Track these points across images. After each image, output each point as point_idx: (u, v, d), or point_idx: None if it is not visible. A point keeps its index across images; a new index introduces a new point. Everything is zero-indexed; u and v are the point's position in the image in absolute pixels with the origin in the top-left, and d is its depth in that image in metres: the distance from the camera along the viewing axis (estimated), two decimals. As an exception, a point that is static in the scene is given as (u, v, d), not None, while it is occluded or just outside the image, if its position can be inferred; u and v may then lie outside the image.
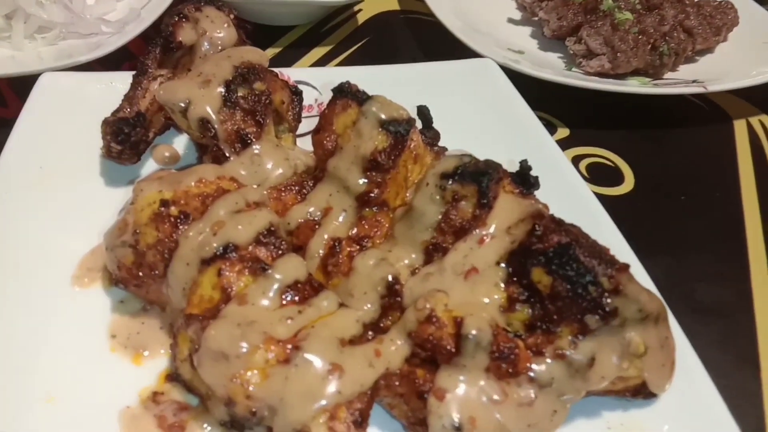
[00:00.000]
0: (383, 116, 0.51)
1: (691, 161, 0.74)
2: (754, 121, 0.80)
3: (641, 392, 0.44)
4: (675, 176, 0.71)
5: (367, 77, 0.60)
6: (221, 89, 0.55)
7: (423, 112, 0.59)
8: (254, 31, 0.85)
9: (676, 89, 0.75)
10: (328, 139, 0.54)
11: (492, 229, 0.47)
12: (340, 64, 0.85)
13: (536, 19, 0.89)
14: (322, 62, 0.86)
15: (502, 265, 0.45)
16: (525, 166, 0.50)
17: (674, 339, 0.44)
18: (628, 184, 0.69)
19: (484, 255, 0.46)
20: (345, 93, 0.53)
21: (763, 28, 0.89)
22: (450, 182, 0.48)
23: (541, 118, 0.74)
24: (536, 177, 0.50)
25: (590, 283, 0.41)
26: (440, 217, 0.48)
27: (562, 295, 0.42)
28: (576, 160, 0.71)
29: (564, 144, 0.73)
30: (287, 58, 0.86)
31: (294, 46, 0.89)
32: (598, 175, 0.70)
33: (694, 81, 0.80)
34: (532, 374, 0.42)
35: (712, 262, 0.61)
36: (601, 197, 0.61)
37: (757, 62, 0.82)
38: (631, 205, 0.67)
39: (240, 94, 0.56)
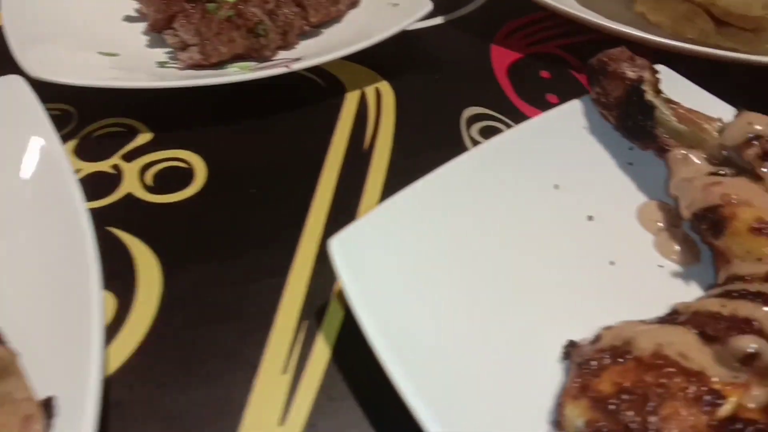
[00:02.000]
0: None
1: (284, 147, 0.70)
2: (370, 90, 0.77)
3: None
4: (254, 168, 0.66)
5: None
6: None
7: None
8: None
9: (260, 73, 0.70)
10: None
11: None
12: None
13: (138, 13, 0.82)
14: None
15: None
16: None
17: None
18: (197, 185, 0.64)
19: None
20: None
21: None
22: None
23: (122, 125, 0.68)
24: None
25: None
26: None
27: None
28: (145, 169, 0.65)
29: (141, 151, 0.67)
30: None
31: None
32: (167, 180, 0.64)
33: (298, 59, 0.76)
34: None
35: (256, 264, 0.57)
36: (157, 206, 0.55)
37: (380, 25, 0.79)
38: (196, 208, 0.62)
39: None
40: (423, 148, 0.69)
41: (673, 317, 0.46)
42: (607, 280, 0.54)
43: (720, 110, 0.62)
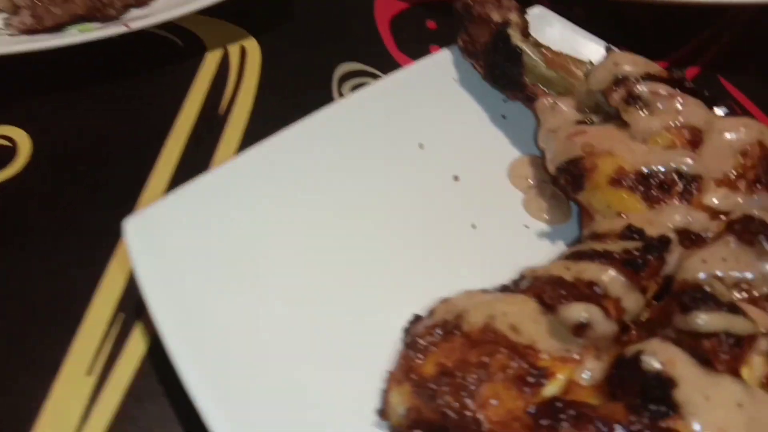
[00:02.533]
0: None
1: (127, 117, 0.62)
2: (234, 49, 0.70)
3: None
4: (87, 143, 0.58)
5: None
6: None
7: None
8: None
9: (88, 36, 0.61)
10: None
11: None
12: None
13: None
14: None
15: None
16: None
17: None
18: (17, 165, 0.56)
19: None
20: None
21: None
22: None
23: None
24: None
25: None
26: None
27: None
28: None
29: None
30: None
31: None
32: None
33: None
34: None
35: (73, 253, 0.50)
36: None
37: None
38: (12, 191, 0.54)
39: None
40: (287, 111, 0.61)
41: (516, 284, 0.41)
42: (466, 245, 0.49)
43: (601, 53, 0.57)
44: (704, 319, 0.32)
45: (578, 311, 0.34)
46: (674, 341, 0.32)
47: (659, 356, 0.31)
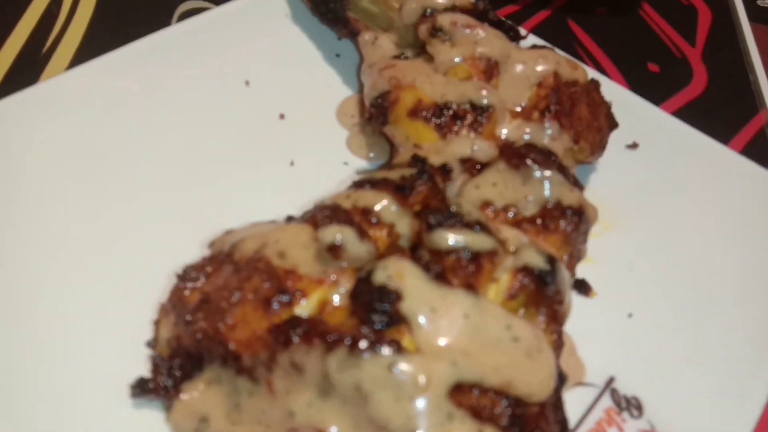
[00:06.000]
0: None
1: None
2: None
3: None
4: None
5: None
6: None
7: None
8: None
9: None
10: None
11: None
12: None
13: None
14: None
15: None
16: None
17: None
18: None
19: None
20: None
21: None
22: None
23: None
24: None
25: None
26: None
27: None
28: None
29: None
30: None
31: None
32: None
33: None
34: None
35: None
36: None
37: None
38: None
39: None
40: (124, 38, 0.60)
41: (303, 215, 0.41)
42: (280, 183, 0.49)
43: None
44: (444, 237, 0.33)
45: (332, 232, 0.35)
46: (413, 258, 0.33)
47: (389, 270, 0.31)
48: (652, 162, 0.51)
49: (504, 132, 0.43)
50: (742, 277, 0.46)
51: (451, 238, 0.33)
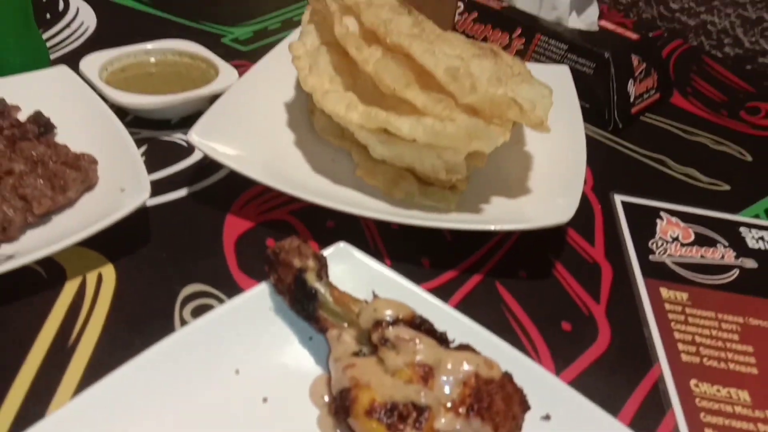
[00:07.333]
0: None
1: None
2: (92, 276, 0.80)
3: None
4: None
5: None
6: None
7: None
8: None
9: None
10: None
11: None
12: None
13: None
14: None
15: None
16: None
17: None
18: None
19: None
20: None
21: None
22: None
23: None
24: None
25: None
26: None
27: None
28: None
29: None
30: None
31: None
32: None
33: (11, 256, 0.79)
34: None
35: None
36: None
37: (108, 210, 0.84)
38: None
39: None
40: (133, 339, 0.73)
41: None
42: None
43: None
44: None
45: None
46: None
47: None
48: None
49: (442, 422, 0.56)
50: None
51: None
